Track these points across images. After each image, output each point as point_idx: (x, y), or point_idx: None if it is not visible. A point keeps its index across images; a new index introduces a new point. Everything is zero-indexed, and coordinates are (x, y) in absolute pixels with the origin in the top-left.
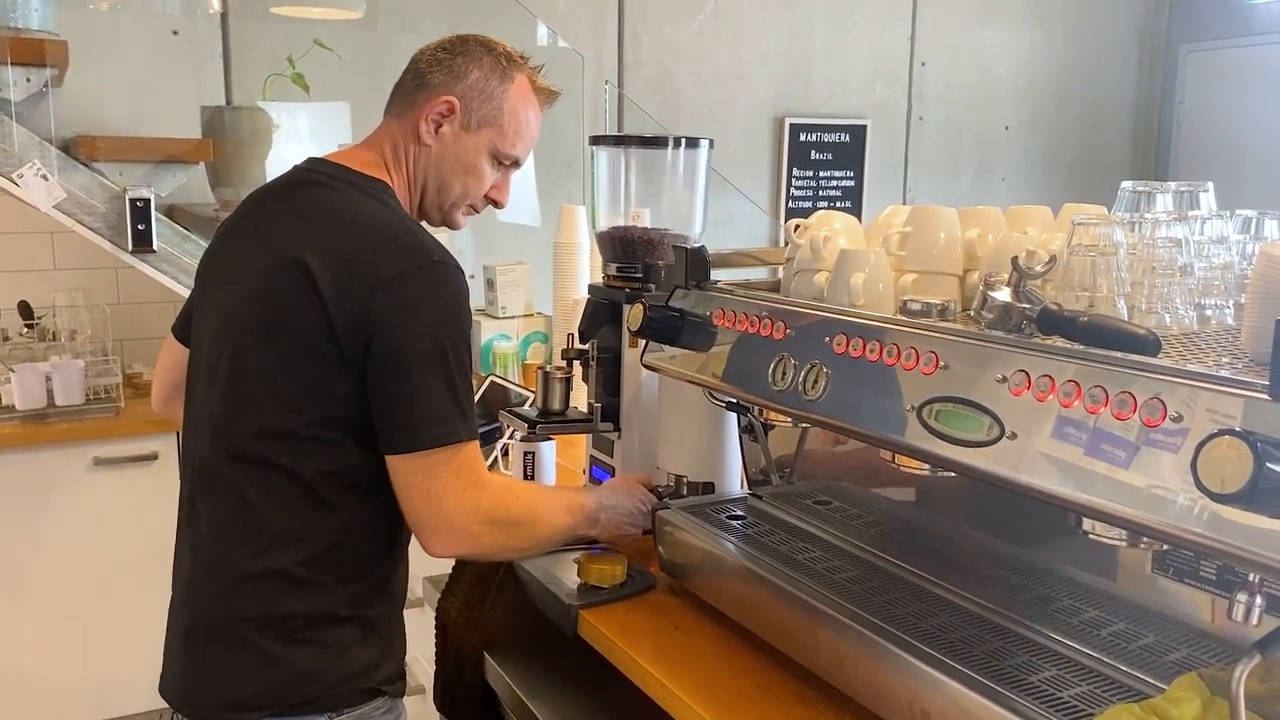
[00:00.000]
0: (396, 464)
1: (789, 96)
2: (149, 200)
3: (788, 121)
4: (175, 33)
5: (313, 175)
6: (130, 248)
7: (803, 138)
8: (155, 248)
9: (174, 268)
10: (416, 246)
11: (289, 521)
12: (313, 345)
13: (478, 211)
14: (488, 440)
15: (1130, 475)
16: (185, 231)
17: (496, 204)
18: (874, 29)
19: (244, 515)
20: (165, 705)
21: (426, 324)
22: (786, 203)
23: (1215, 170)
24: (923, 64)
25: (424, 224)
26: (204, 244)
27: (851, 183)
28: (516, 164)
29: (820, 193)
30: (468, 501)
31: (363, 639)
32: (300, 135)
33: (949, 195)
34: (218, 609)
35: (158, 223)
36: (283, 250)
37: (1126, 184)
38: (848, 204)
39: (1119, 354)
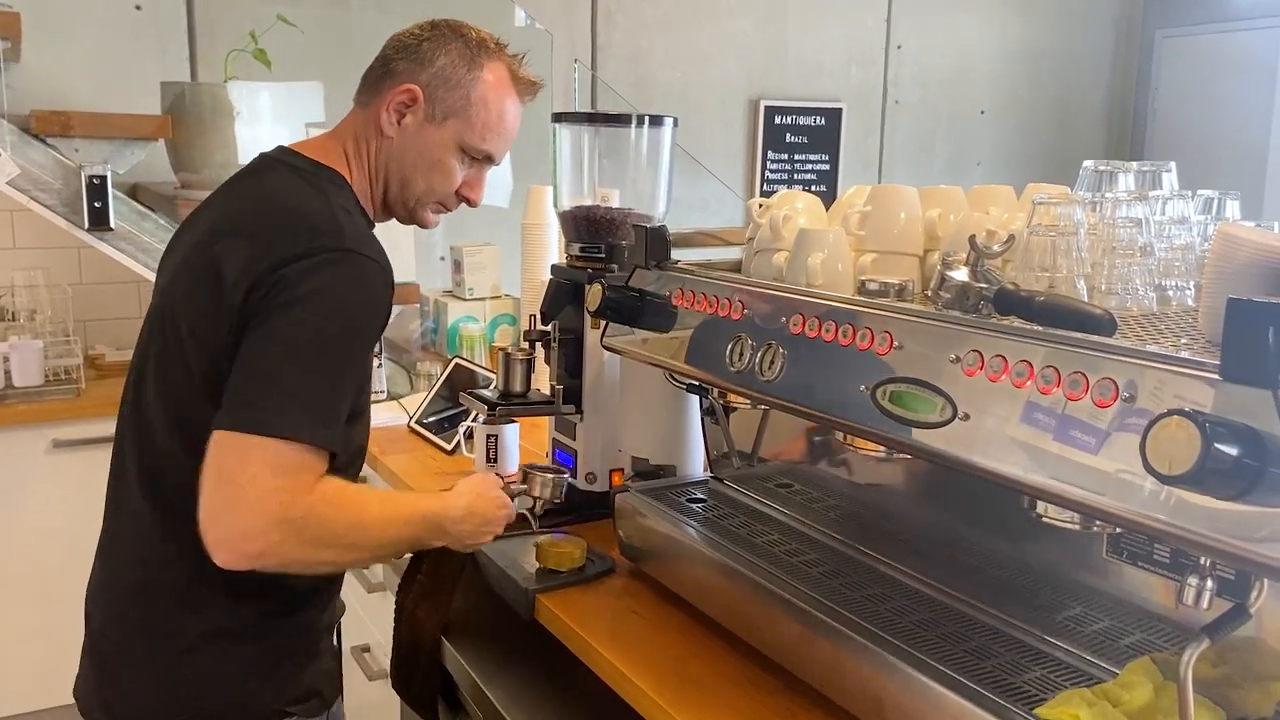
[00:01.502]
0: (215, 438)
1: (764, 79)
2: (105, 177)
3: (762, 104)
4: (138, 7)
5: (271, 162)
6: (87, 225)
7: (777, 120)
8: (113, 226)
9: (133, 246)
10: (330, 230)
11: (174, 535)
12: (205, 333)
13: (449, 210)
14: (454, 423)
15: (1081, 456)
16: (145, 210)
17: (469, 201)
18: (849, 11)
19: (138, 525)
20: None
21: (317, 311)
22: (761, 186)
23: (1189, 155)
24: (898, 47)
25: (393, 219)
26: (164, 223)
27: (826, 166)
28: (491, 160)
29: (795, 176)
30: (272, 503)
31: (260, 660)
32: (265, 114)
33: (924, 179)
34: (114, 619)
35: (116, 200)
36: (201, 236)
37: (1088, 163)
38: (823, 188)
39: (1073, 334)
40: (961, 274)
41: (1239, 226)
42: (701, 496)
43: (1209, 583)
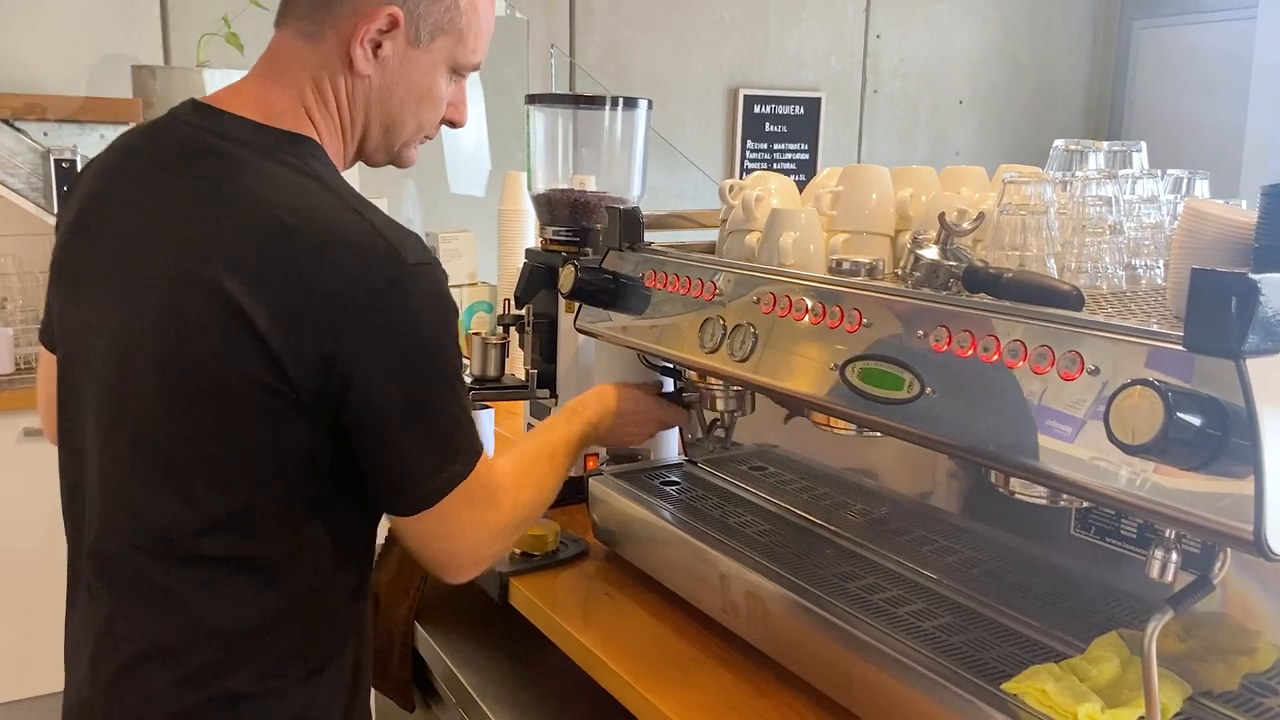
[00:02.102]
0: (403, 524)
1: (744, 68)
2: (74, 161)
3: (742, 93)
4: None
5: (209, 140)
6: (55, 210)
7: (757, 110)
8: None
9: None
10: (382, 250)
11: (244, 625)
12: (254, 402)
13: (431, 139)
14: None
15: (1046, 429)
16: None
17: (455, 123)
18: (829, 1)
19: (174, 623)
20: None
21: (418, 353)
22: (741, 175)
23: (1166, 146)
24: (877, 37)
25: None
26: None
27: (806, 155)
28: (475, 69)
29: (775, 165)
30: (484, 531)
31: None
32: None
33: None
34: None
35: None
36: (189, 266)
37: (1059, 142)
38: (801, 177)
39: (1040, 309)
40: (932, 252)
41: (1207, 203)
42: (675, 480)
43: (1174, 555)
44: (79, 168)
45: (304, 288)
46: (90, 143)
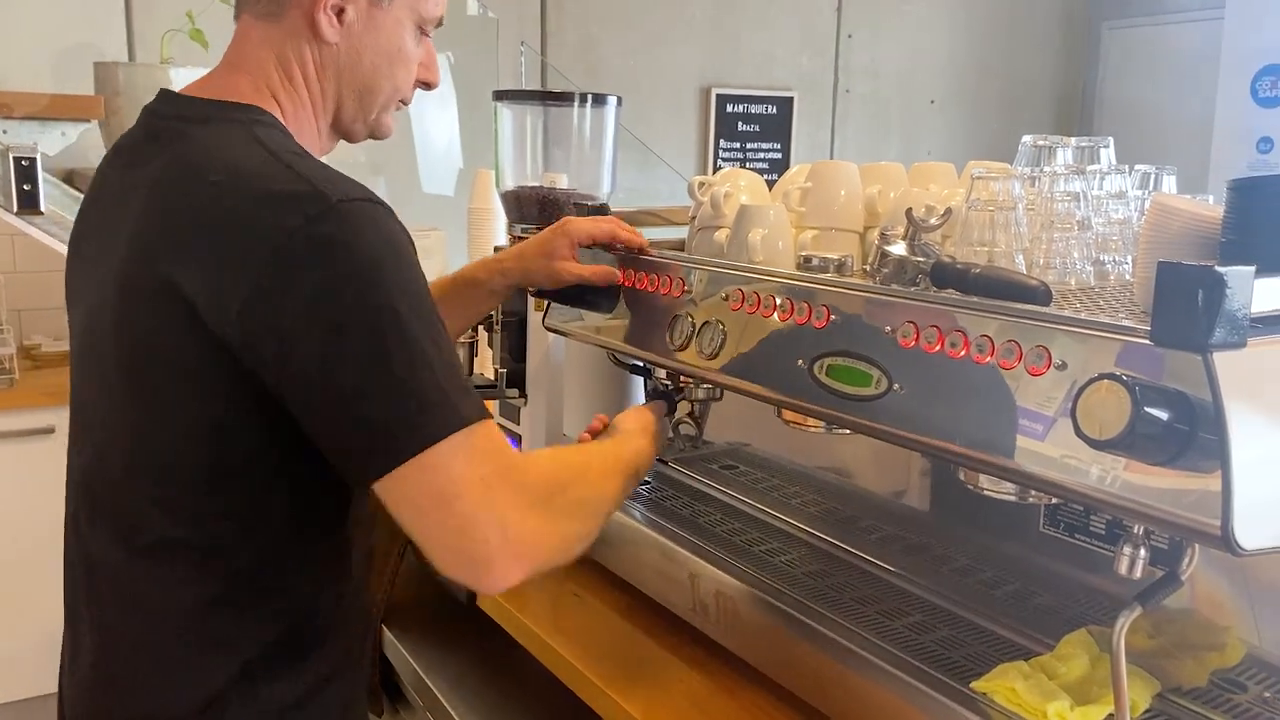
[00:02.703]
0: (386, 488)
1: (716, 67)
2: (35, 159)
3: (714, 92)
4: None
5: (168, 124)
6: (16, 209)
7: (730, 109)
8: (43, 210)
9: (65, 231)
10: (304, 192)
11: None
12: (192, 372)
13: (408, 104)
14: None
15: (1013, 424)
16: (79, 194)
17: (429, 85)
18: (801, 0)
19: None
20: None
21: (347, 291)
22: (714, 174)
23: (1135, 143)
24: (849, 36)
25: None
26: None
27: (779, 154)
28: (439, 23)
29: (748, 164)
30: (498, 493)
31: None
32: None
33: None
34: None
35: (47, 184)
36: (136, 256)
37: (1027, 138)
38: (774, 176)
39: (1007, 304)
40: (899, 248)
41: (1173, 197)
42: (646, 479)
43: (1142, 552)
44: (39, 164)
45: (223, 241)
46: (52, 140)
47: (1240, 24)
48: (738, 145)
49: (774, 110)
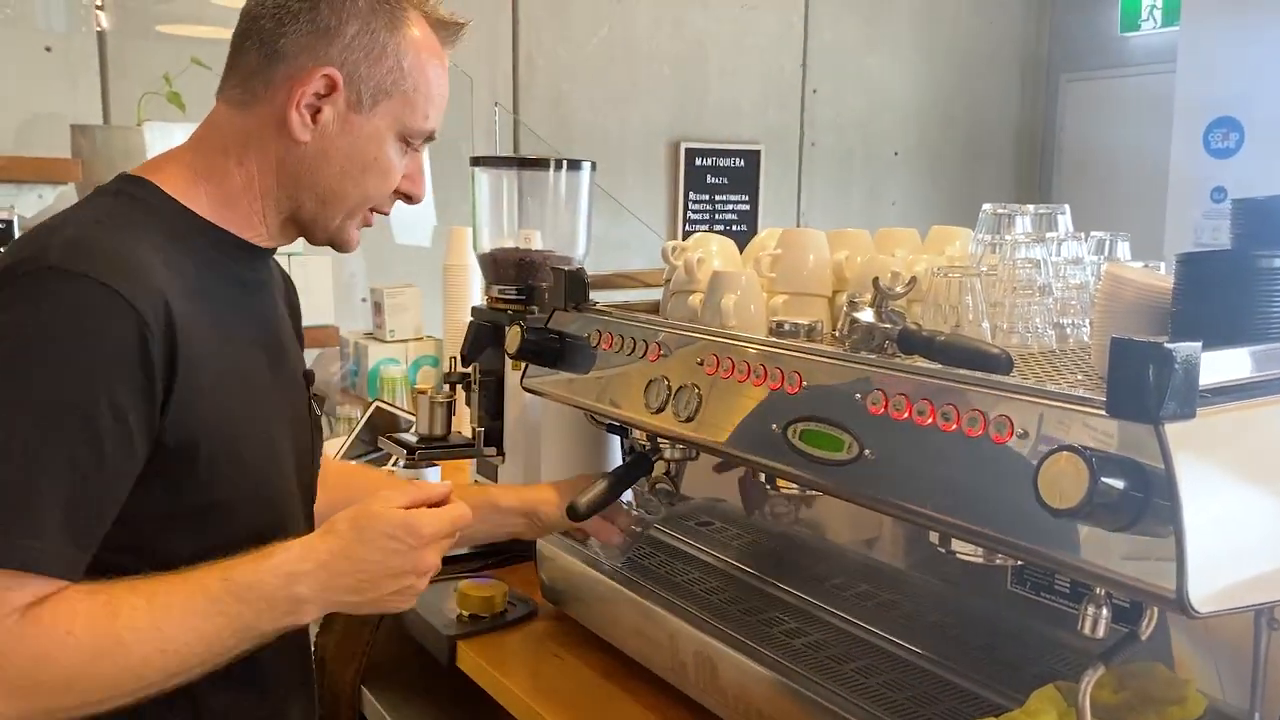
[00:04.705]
0: None
1: (684, 121)
2: (11, 222)
3: (683, 146)
4: (48, 49)
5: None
6: None
7: (698, 162)
8: None
9: None
10: (33, 250)
11: None
12: None
13: (385, 214)
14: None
15: (979, 490)
16: None
17: (410, 198)
18: (766, 55)
19: None
20: None
21: None
22: (684, 226)
23: (1093, 193)
24: (814, 90)
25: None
26: None
27: (747, 206)
28: (431, 138)
29: (717, 216)
30: None
31: None
32: None
33: (841, 218)
34: None
35: None
36: None
37: (987, 206)
38: (744, 227)
39: (971, 373)
40: (867, 315)
41: (1125, 267)
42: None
43: (1104, 611)
44: (15, 226)
45: None
46: (28, 203)
47: (1192, 77)
48: (706, 197)
49: (741, 163)
